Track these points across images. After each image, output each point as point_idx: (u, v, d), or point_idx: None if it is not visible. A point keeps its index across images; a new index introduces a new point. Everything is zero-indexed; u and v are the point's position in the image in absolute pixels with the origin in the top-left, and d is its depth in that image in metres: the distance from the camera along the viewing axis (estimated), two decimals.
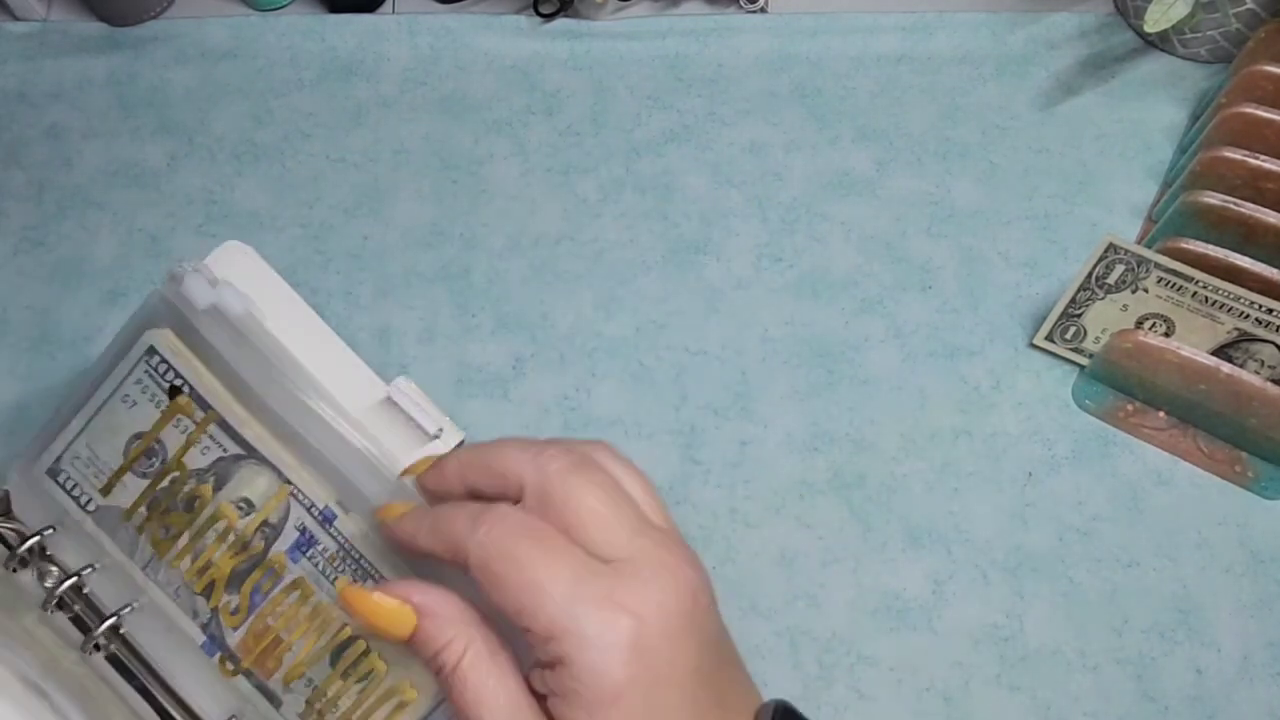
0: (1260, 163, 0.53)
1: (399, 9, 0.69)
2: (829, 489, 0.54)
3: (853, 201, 0.62)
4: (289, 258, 0.61)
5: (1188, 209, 0.54)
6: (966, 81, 0.66)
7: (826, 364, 0.57)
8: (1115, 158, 0.63)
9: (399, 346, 0.58)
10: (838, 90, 0.66)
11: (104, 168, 0.64)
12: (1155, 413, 0.55)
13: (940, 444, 0.55)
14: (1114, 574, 0.52)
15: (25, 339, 0.59)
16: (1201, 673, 0.50)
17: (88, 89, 0.66)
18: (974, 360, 0.57)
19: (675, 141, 0.64)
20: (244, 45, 0.67)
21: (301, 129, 0.65)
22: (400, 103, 0.66)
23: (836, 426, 0.56)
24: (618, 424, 0.56)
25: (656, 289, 0.60)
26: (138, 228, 0.62)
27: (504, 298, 0.59)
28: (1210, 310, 0.52)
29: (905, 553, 0.52)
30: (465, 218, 0.62)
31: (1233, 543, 0.52)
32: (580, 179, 0.63)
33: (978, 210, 0.62)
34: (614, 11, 0.68)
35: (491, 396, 0.57)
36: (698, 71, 0.67)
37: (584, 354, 0.58)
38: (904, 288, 0.59)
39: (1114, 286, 0.54)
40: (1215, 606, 0.51)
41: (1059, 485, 0.54)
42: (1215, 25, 0.62)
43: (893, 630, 0.51)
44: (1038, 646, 0.50)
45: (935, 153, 0.64)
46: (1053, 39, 0.67)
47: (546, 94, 0.66)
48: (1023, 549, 0.52)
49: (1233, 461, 0.54)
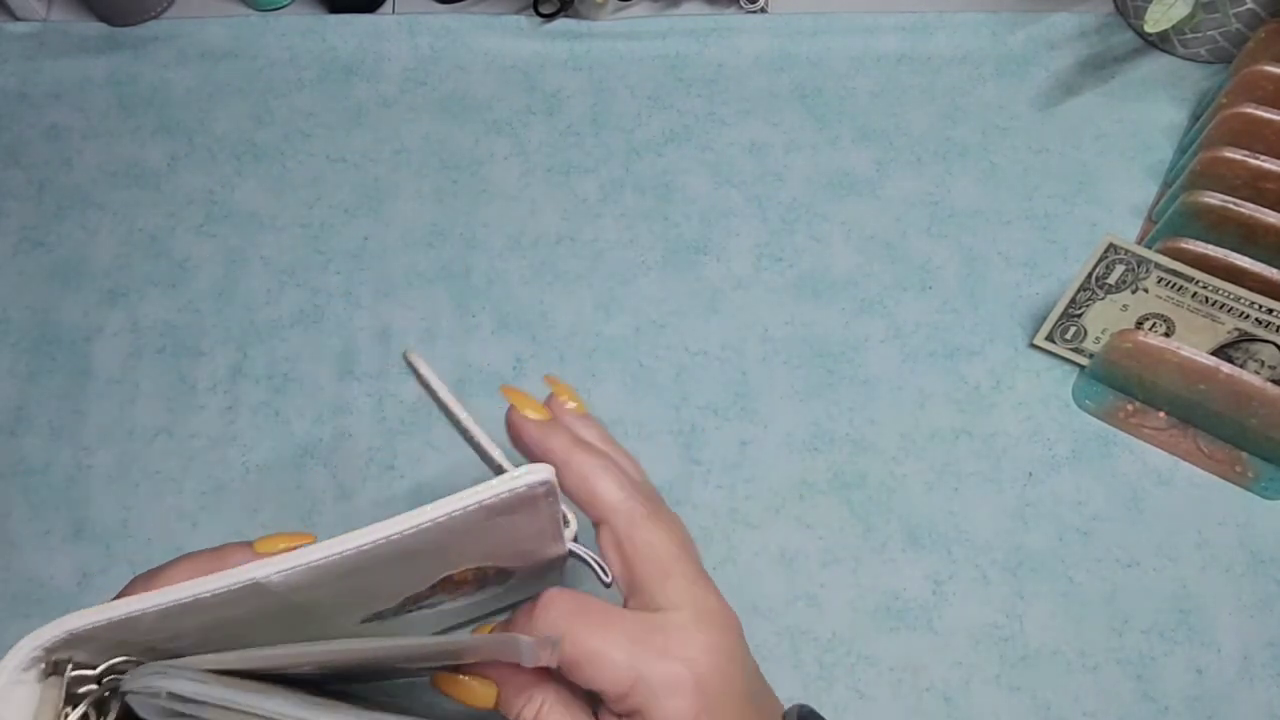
0: (1260, 163, 0.53)
1: (399, 9, 0.69)
2: (829, 489, 0.54)
3: (853, 201, 0.62)
4: (289, 258, 0.61)
5: (1188, 209, 0.54)
6: (966, 81, 0.66)
7: (826, 364, 0.57)
8: (1115, 158, 0.63)
9: (399, 346, 0.58)
10: (838, 90, 0.66)
11: (104, 168, 0.64)
12: (1155, 413, 0.55)
13: (940, 444, 0.55)
14: (1114, 574, 0.52)
15: (25, 339, 0.59)
16: (1201, 673, 0.50)
17: (88, 89, 0.66)
18: (974, 360, 0.57)
19: (675, 141, 0.64)
20: (244, 45, 0.67)
21: (301, 129, 0.65)
22: (400, 103, 0.66)
23: (836, 426, 0.56)
24: (618, 424, 0.56)
25: (656, 289, 0.60)
26: (138, 228, 0.62)
27: (504, 298, 0.59)
28: (1210, 310, 0.52)
29: (905, 553, 0.52)
30: (465, 218, 0.62)
31: (1233, 543, 0.52)
32: (580, 179, 0.63)
33: (978, 210, 0.62)
34: (614, 11, 0.68)
35: (492, 396, 0.56)
36: (698, 71, 0.67)
37: (584, 354, 0.58)
38: (904, 288, 0.59)
39: (1114, 286, 0.54)
40: (1215, 606, 0.51)
41: (1059, 485, 0.54)
42: (1215, 25, 0.62)
43: (893, 630, 0.51)
44: (1038, 646, 0.50)
45: (935, 153, 0.64)
46: (1053, 39, 0.67)
47: (546, 94, 0.66)
48: (1023, 549, 0.52)
49: (1233, 461, 0.54)
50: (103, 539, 0.53)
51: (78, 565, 0.53)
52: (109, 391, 0.57)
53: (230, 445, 0.56)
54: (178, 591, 0.25)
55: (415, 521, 0.26)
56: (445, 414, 0.37)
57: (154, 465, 0.55)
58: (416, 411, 0.56)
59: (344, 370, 0.57)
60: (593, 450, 0.34)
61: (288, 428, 0.56)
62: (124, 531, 0.53)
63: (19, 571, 0.53)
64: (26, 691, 0.26)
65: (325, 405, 0.56)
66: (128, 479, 0.55)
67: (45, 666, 0.26)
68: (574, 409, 0.37)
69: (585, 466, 0.33)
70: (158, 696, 0.26)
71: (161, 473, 0.55)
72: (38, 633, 0.25)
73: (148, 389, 0.57)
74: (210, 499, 0.54)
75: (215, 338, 0.58)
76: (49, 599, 0.52)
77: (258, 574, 0.25)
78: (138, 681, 0.26)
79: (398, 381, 0.57)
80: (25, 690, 0.26)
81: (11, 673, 0.25)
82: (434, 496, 0.58)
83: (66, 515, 0.54)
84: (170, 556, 0.30)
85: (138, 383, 0.57)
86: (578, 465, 0.33)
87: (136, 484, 0.55)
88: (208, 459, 0.55)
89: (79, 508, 0.54)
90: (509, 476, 0.27)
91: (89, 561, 0.53)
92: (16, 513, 0.54)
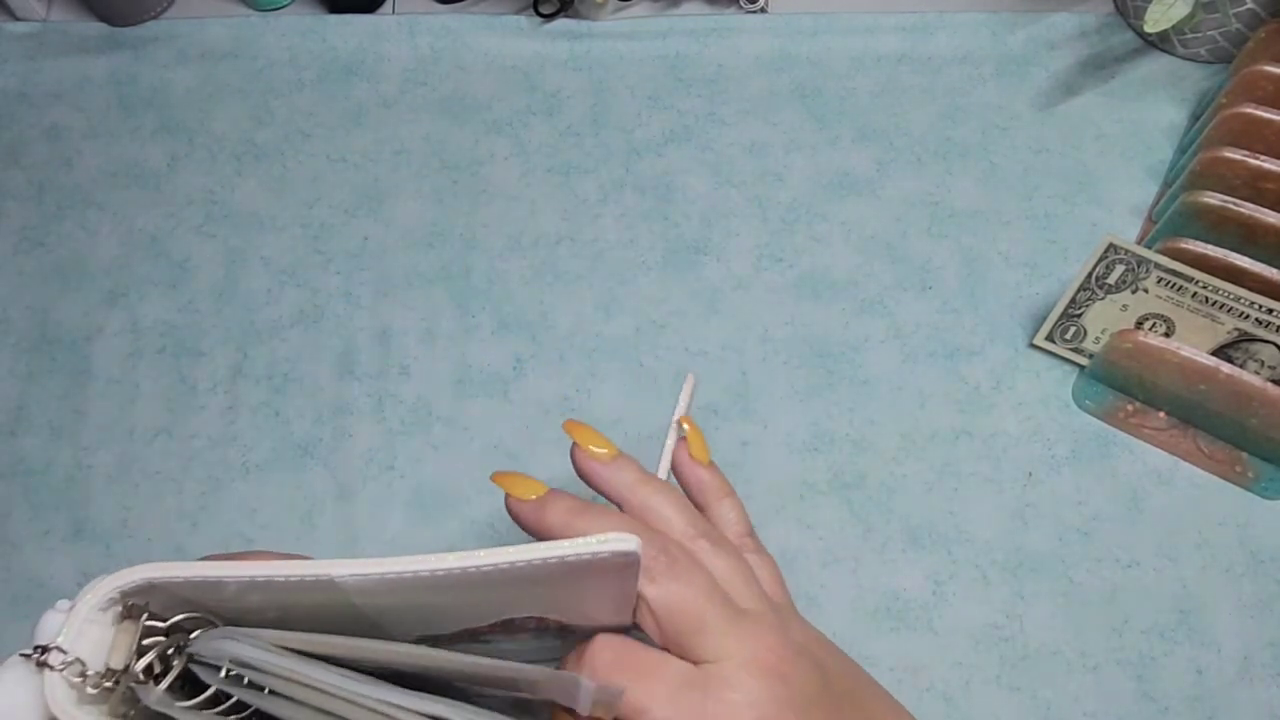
0: (1260, 163, 0.53)
1: (399, 9, 0.69)
2: (829, 489, 0.54)
3: (853, 201, 0.62)
4: (289, 258, 0.61)
5: (1188, 209, 0.54)
6: (966, 81, 0.66)
7: (826, 364, 0.57)
8: (1115, 158, 0.63)
9: (399, 346, 0.58)
10: (838, 90, 0.66)
11: (104, 168, 0.64)
12: (1155, 413, 0.55)
13: (940, 444, 0.55)
14: (1114, 574, 0.52)
15: (25, 339, 0.59)
16: (1201, 673, 0.50)
17: (88, 89, 0.66)
18: (974, 360, 0.57)
19: (675, 142, 0.64)
20: (244, 45, 0.67)
21: (301, 129, 0.65)
22: (400, 103, 0.66)
23: (836, 426, 0.56)
24: (618, 424, 0.56)
25: (656, 289, 0.60)
26: (138, 228, 0.62)
27: (504, 298, 0.59)
28: (1210, 310, 0.52)
29: (905, 553, 0.52)
30: (465, 218, 0.62)
31: (1233, 543, 0.52)
32: (580, 179, 0.63)
33: (978, 210, 0.62)
34: (614, 11, 0.68)
35: (491, 396, 0.57)
36: (698, 71, 0.67)
37: (584, 354, 0.58)
38: (904, 288, 0.59)
39: (1114, 286, 0.54)
40: (1215, 606, 0.51)
41: (1059, 485, 0.54)
42: (1215, 25, 0.62)
43: (893, 630, 0.51)
44: (1038, 646, 0.50)
45: (935, 153, 0.64)
46: (1053, 39, 0.67)
47: (546, 94, 0.66)
48: (1023, 549, 0.52)
49: (1233, 461, 0.54)
50: (103, 539, 0.53)
51: (78, 565, 0.53)
52: (109, 391, 0.57)
53: (230, 445, 0.56)
54: (257, 568, 0.26)
55: (493, 560, 0.26)
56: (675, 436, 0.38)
57: (154, 465, 0.55)
58: (416, 411, 0.56)
59: (344, 370, 0.57)
60: (656, 484, 0.34)
61: (288, 428, 0.56)
62: (124, 531, 0.53)
63: (19, 571, 0.53)
64: (100, 631, 0.26)
65: (325, 405, 0.56)
66: (128, 479, 0.55)
67: (121, 610, 0.27)
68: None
69: (650, 498, 0.33)
70: (221, 660, 0.26)
71: (161, 473, 0.55)
72: (118, 574, 0.26)
73: (148, 389, 0.57)
74: (210, 499, 0.54)
75: (215, 338, 0.58)
76: (49, 599, 0.52)
77: (333, 571, 0.26)
78: (208, 645, 0.26)
79: (398, 381, 0.57)
80: (99, 630, 0.26)
81: (89, 610, 0.26)
82: (434, 496, 0.59)
83: (66, 515, 0.54)
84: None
85: (138, 383, 0.57)
86: (640, 500, 0.33)
87: (136, 484, 0.55)
88: (208, 459, 0.55)
89: (79, 508, 0.54)
90: (594, 539, 0.27)
91: (89, 561, 0.53)
92: (16, 513, 0.54)
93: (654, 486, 0.33)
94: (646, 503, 0.33)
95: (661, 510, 0.33)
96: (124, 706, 0.26)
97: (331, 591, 0.27)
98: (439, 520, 0.53)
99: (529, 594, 0.30)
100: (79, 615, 0.26)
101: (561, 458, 0.55)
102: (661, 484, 0.34)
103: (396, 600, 0.28)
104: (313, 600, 0.27)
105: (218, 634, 0.26)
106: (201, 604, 0.28)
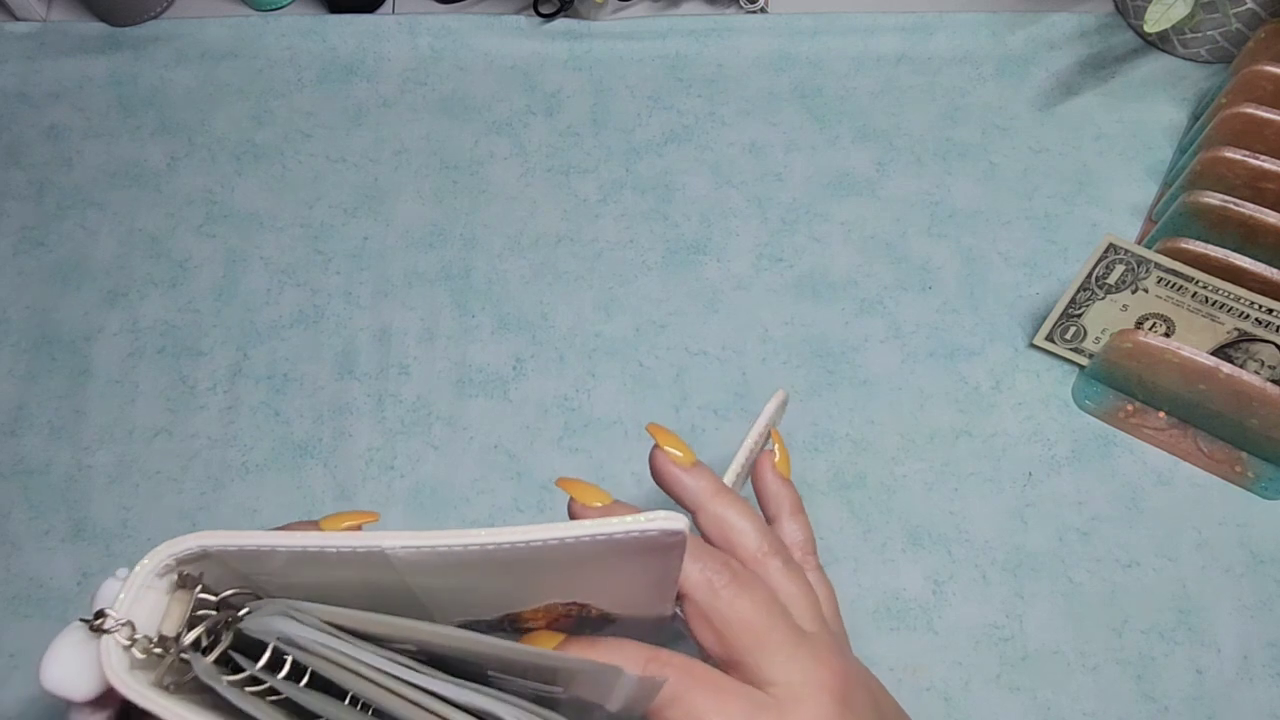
0: (1260, 163, 0.53)
1: (399, 9, 0.69)
2: (829, 489, 0.54)
3: (853, 201, 0.62)
4: (289, 258, 0.61)
5: (1188, 209, 0.54)
6: (966, 81, 0.66)
7: (826, 364, 0.57)
8: (1115, 158, 0.63)
9: (399, 346, 0.58)
10: (838, 90, 0.66)
11: (104, 168, 0.64)
12: (1155, 413, 0.55)
13: (940, 444, 0.55)
14: (1114, 574, 0.52)
15: (25, 339, 0.59)
16: (1201, 673, 0.49)
17: (88, 89, 0.66)
18: (974, 360, 0.57)
19: (675, 142, 0.64)
20: (244, 45, 0.67)
21: (301, 129, 0.65)
22: (400, 103, 0.66)
23: (836, 426, 0.56)
24: (618, 424, 0.56)
25: (656, 289, 0.60)
26: (138, 228, 0.62)
27: (504, 298, 0.59)
28: (1210, 310, 0.52)
29: (905, 553, 0.52)
30: (465, 218, 0.62)
31: (1233, 543, 0.52)
32: (580, 179, 0.63)
33: (978, 210, 0.62)
34: (614, 11, 0.68)
35: (491, 397, 0.57)
36: (698, 71, 0.67)
37: (584, 354, 0.58)
38: (904, 288, 0.59)
39: (1114, 286, 0.54)
40: (1215, 606, 0.51)
41: (1059, 485, 0.54)
42: (1215, 25, 0.62)
43: (893, 630, 0.51)
44: (1038, 646, 0.50)
45: (935, 153, 0.64)
46: (1053, 39, 0.67)
47: (546, 94, 0.66)
48: (1023, 549, 0.52)
49: (1233, 461, 0.54)
50: (103, 539, 0.53)
51: (78, 565, 0.53)
52: (109, 391, 0.57)
53: (230, 445, 0.56)
54: (309, 539, 0.26)
55: (544, 535, 0.26)
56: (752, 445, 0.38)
57: (154, 465, 0.55)
58: (416, 411, 0.56)
59: (344, 370, 0.57)
60: (731, 495, 0.33)
61: (287, 427, 0.56)
62: (124, 531, 0.53)
63: (19, 571, 0.53)
64: (156, 598, 0.26)
65: (325, 405, 0.56)
66: (128, 479, 0.55)
67: (176, 579, 0.27)
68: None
69: (726, 510, 0.33)
70: (269, 637, 0.26)
71: (161, 473, 0.55)
72: (174, 540, 0.26)
73: (148, 389, 0.57)
74: (210, 499, 0.54)
75: (215, 338, 0.58)
76: (49, 599, 0.52)
77: (385, 543, 0.26)
78: (258, 621, 0.26)
79: (397, 381, 0.57)
80: (155, 596, 0.26)
81: (147, 576, 0.26)
82: (433, 496, 0.58)
83: (66, 515, 0.54)
84: None
85: (138, 383, 0.57)
86: (716, 510, 0.33)
87: (136, 484, 0.55)
88: (208, 459, 0.55)
89: (79, 508, 0.54)
90: (643, 517, 0.27)
91: (89, 561, 0.53)
92: (16, 513, 0.54)
93: (730, 498, 0.33)
94: (722, 514, 0.33)
95: (737, 523, 0.32)
96: (171, 676, 0.26)
97: (382, 568, 0.26)
98: (438, 520, 0.53)
99: (573, 576, 0.30)
100: (137, 579, 0.26)
101: (561, 457, 0.55)
102: (736, 497, 0.33)
103: (443, 580, 0.28)
104: (365, 577, 0.27)
105: (269, 608, 0.26)
106: (251, 579, 0.28)
